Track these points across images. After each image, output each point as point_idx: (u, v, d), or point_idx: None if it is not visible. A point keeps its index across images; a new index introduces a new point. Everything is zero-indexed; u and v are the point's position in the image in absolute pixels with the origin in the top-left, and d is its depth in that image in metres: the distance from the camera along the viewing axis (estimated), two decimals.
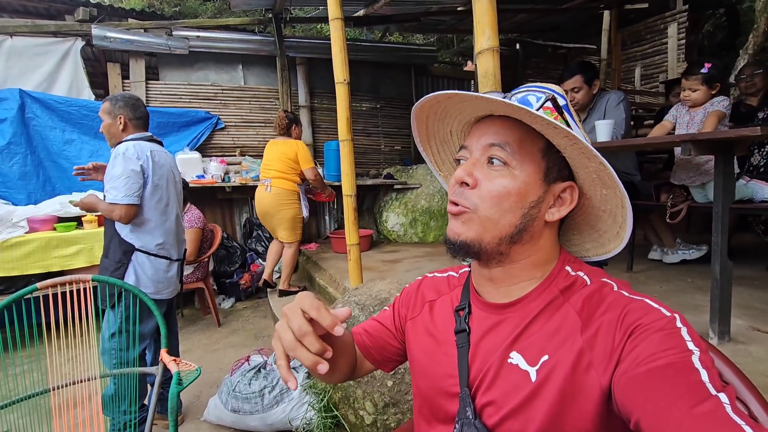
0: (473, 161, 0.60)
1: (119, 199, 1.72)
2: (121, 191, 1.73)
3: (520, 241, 0.59)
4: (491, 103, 0.58)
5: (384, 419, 1.48)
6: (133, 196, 1.75)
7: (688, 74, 2.27)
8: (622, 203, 0.59)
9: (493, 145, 0.59)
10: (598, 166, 0.56)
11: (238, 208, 4.55)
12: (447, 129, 0.72)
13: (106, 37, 3.92)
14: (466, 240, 0.59)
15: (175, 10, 7.76)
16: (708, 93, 2.23)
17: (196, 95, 4.41)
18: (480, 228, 0.59)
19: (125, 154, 1.75)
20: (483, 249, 0.59)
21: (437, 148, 0.75)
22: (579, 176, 0.61)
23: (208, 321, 3.43)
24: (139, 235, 1.83)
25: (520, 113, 0.55)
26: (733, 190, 1.61)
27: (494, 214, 0.58)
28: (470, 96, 0.58)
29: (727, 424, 0.40)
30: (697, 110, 2.30)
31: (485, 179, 0.59)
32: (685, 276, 2.49)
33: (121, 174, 1.73)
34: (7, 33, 3.70)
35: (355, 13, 4.45)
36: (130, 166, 1.75)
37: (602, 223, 0.65)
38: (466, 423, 0.57)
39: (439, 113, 0.67)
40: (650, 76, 5.32)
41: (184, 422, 2.04)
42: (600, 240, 0.67)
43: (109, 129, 1.88)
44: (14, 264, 2.76)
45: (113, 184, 1.73)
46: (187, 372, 1.25)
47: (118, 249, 1.80)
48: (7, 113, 3.50)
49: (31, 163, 3.60)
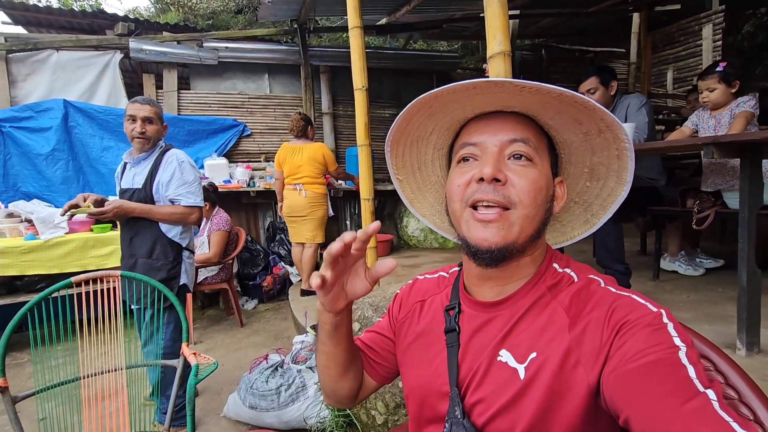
0: (495, 157, 0.57)
1: (198, 202, 1.90)
2: (198, 195, 1.90)
3: (539, 237, 0.60)
4: (530, 91, 0.53)
5: (395, 419, 1.50)
6: (202, 200, 1.94)
7: (704, 74, 2.23)
8: (612, 192, 0.61)
9: (515, 140, 0.57)
10: (600, 159, 0.58)
11: (262, 212, 4.68)
12: (432, 126, 0.66)
13: (142, 50, 4.15)
14: (506, 244, 0.56)
15: (208, 23, 8.10)
16: (727, 91, 2.16)
17: (224, 103, 4.59)
18: (518, 228, 0.56)
19: (189, 161, 1.92)
20: (517, 249, 0.57)
21: (403, 150, 0.71)
22: (567, 171, 0.63)
23: (231, 321, 3.53)
24: (186, 235, 1.97)
25: (571, 98, 0.53)
26: (761, 194, 1.54)
27: (531, 211, 0.56)
28: (507, 84, 0.53)
29: (715, 420, 0.40)
30: (722, 112, 2.21)
31: (515, 175, 0.56)
32: (715, 286, 2.38)
33: (195, 179, 1.91)
34: (53, 47, 3.98)
35: (378, 21, 4.52)
36: (196, 172, 1.93)
37: (568, 214, 0.67)
38: (455, 422, 0.57)
39: (436, 106, 0.62)
40: (683, 80, 5.12)
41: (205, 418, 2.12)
42: (562, 229, 0.69)
43: (158, 133, 1.91)
44: (55, 262, 2.94)
45: (189, 189, 1.89)
46: (206, 365, 1.30)
47: (169, 250, 1.89)
48: (52, 122, 3.77)
49: (72, 168, 3.85)
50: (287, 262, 4.27)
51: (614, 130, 0.56)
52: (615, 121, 0.55)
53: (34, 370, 1.49)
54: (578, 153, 0.61)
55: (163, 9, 9.38)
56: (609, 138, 0.58)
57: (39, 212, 3.06)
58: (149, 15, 9.18)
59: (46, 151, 3.74)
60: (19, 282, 3.08)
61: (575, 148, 0.60)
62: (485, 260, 0.57)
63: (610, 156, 0.59)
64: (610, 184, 0.62)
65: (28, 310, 1.30)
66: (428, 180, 0.75)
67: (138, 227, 1.89)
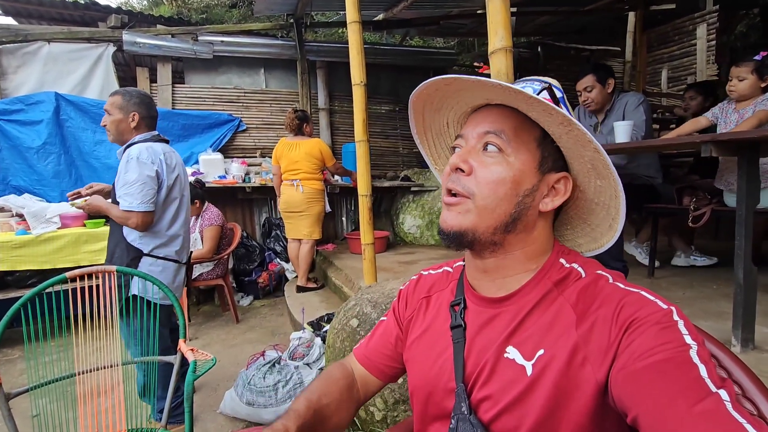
0: (468, 148, 0.60)
1: (135, 206, 1.66)
2: (137, 198, 1.66)
3: (514, 231, 0.59)
4: (488, 89, 0.57)
5: (394, 416, 1.49)
6: (149, 203, 1.69)
7: (740, 61, 2.08)
8: (616, 193, 0.58)
9: (488, 132, 0.59)
10: (593, 153, 0.56)
11: (257, 208, 4.65)
12: (443, 120, 0.71)
13: (135, 43, 4.08)
14: (461, 229, 0.58)
15: (202, 17, 8.02)
16: (757, 85, 2.05)
17: (219, 98, 4.54)
18: (475, 217, 0.58)
19: (139, 158, 1.68)
20: (477, 238, 0.59)
21: (433, 141, 0.75)
22: (573, 167, 0.61)
23: (226, 317, 3.51)
24: (148, 240, 1.75)
25: (517, 97, 0.55)
26: (758, 193, 1.55)
27: (491, 202, 0.57)
28: (468, 81, 0.57)
29: (728, 422, 0.39)
30: (746, 107, 2.10)
31: (480, 166, 0.58)
32: (710, 283, 2.41)
33: (136, 180, 1.66)
34: (44, 39, 3.91)
35: (375, 17, 4.50)
36: (145, 171, 1.68)
37: (594, 216, 0.64)
38: (462, 419, 0.57)
39: (436, 104, 0.67)
40: (677, 79, 5.16)
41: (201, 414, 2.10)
42: (593, 234, 0.66)
43: (118, 125, 1.77)
44: (47, 258, 2.89)
45: (128, 190, 1.66)
46: (204, 361, 1.29)
47: (125, 255, 1.73)
48: (43, 115, 3.70)
49: (64, 162, 3.79)
50: (283, 258, 4.25)
51: (571, 124, 0.54)
52: (560, 112, 0.53)
53: (26, 366, 1.47)
54: (569, 145, 0.59)
55: (156, 2, 9.27)
56: (579, 132, 0.55)
57: (30, 207, 3.01)
58: (142, 8, 9.05)
59: (37, 145, 3.68)
60: (10, 277, 3.03)
61: (564, 141, 0.59)
62: (445, 241, 0.60)
63: (596, 149, 0.56)
64: (612, 183, 0.60)
65: (21, 306, 1.28)
66: None
67: (111, 226, 1.81)
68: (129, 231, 1.74)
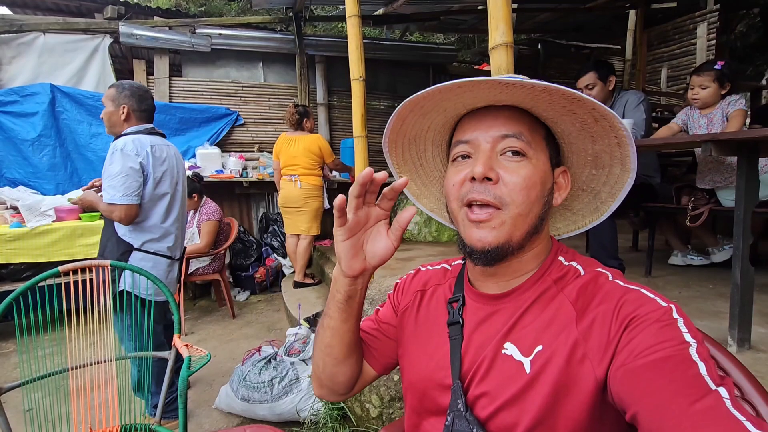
0: (487, 155, 0.56)
1: (117, 199, 1.63)
2: (119, 190, 1.63)
3: (537, 232, 0.58)
4: (516, 86, 0.52)
5: (389, 413, 1.49)
6: (132, 196, 1.65)
7: (701, 71, 2.20)
8: (616, 179, 0.60)
9: (507, 136, 0.56)
10: (605, 147, 0.57)
11: (255, 203, 4.63)
12: (427, 124, 0.65)
13: (132, 35, 4.04)
14: (499, 243, 0.55)
15: (200, 10, 7.94)
16: (717, 92, 2.16)
17: (217, 92, 4.51)
18: (511, 227, 0.55)
19: (123, 150, 1.66)
20: (512, 247, 0.56)
21: (402, 149, 0.70)
22: (571, 160, 0.62)
23: (223, 312, 3.51)
24: (138, 234, 1.73)
25: (557, 92, 0.51)
26: (757, 193, 1.55)
27: (525, 209, 0.55)
28: (491, 82, 0.52)
29: (728, 419, 0.39)
30: (711, 111, 2.21)
31: (506, 172, 0.55)
32: (706, 282, 2.41)
33: (119, 172, 1.64)
34: (39, 30, 3.86)
35: (375, 12, 4.46)
36: (128, 163, 1.65)
37: (578, 202, 0.66)
38: (458, 415, 0.57)
39: (427, 106, 0.60)
40: (677, 78, 5.16)
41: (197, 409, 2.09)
42: (572, 218, 0.68)
43: (110, 117, 1.77)
44: (41, 251, 2.87)
45: (110, 182, 1.64)
46: (198, 357, 1.28)
47: (116, 249, 1.71)
48: (38, 107, 3.66)
49: (59, 155, 3.75)
50: (280, 253, 4.24)
51: (609, 119, 0.55)
52: (609, 111, 0.54)
53: (19, 360, 1.45)
54: (578, 141, 0.60)
55: None
56: (606, 127, 0.57)
57: (25, 199, 2.99)
58: None
59: (32, 137, 3.64)
60: (4, 270, 3.01)
61: (574, 137, 0.59)
62: (481, 260, 0.57)
63: (611, 144, 0.58)
64: (616, 171, 0.62)
65: (14, 299, 1.26)
66: (431, 175, 0.75)
67: (105, 220, 1.81)
68: (119, 225, 1.72)
